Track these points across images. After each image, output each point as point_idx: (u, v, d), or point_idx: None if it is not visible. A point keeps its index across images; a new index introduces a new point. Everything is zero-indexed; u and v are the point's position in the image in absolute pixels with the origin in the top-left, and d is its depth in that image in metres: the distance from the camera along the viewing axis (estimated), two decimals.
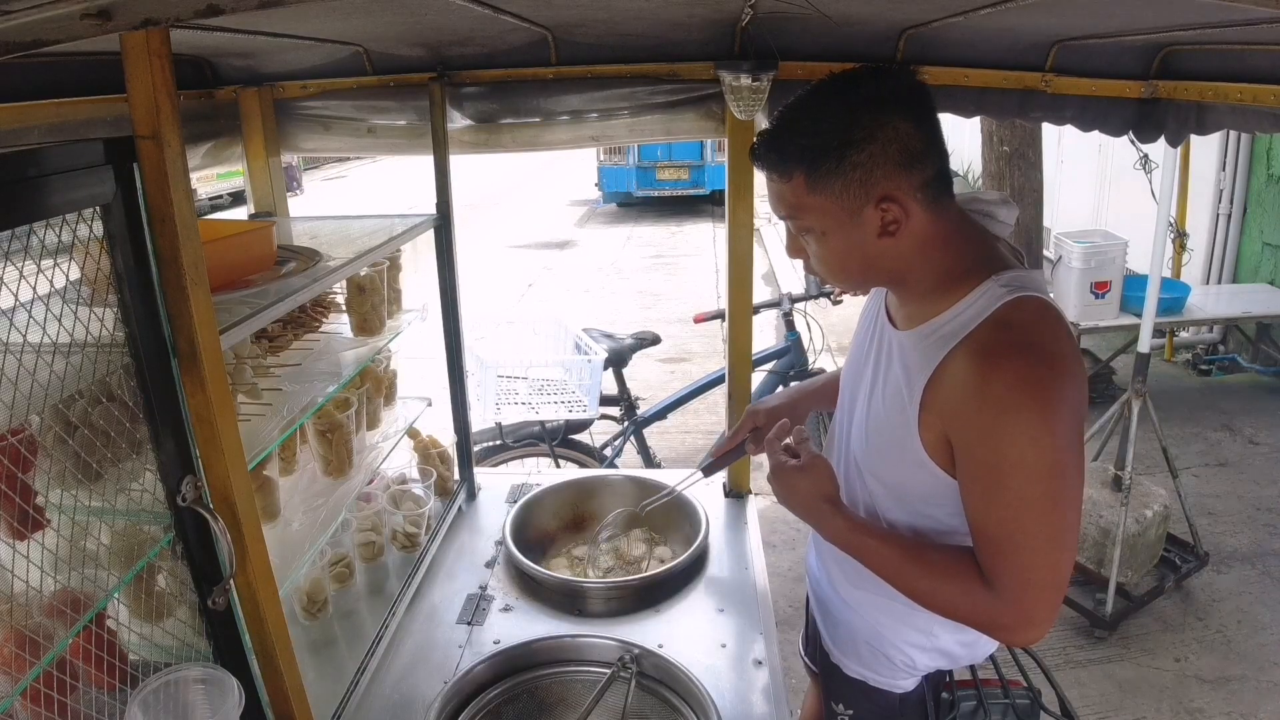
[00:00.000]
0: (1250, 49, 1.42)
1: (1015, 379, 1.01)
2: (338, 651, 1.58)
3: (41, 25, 0.64)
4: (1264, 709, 2.65)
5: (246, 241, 1.40)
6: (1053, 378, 1.01)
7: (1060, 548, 1.05)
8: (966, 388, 1.04)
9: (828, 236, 1.11)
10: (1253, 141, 5.24)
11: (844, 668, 1.40)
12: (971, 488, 1.08)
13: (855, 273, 1.16)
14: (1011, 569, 1.05)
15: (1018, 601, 1.05)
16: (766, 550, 1.97)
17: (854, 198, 1.07)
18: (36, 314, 0.87)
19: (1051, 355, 1.02)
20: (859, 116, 1.04)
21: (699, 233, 11.15)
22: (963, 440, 1.08)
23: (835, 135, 1.05)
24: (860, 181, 1.06)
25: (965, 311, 1.09)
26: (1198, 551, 3.29)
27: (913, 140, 1.05)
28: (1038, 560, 1.04)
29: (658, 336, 3.76)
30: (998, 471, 1.03)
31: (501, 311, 6.95)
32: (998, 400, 1.01)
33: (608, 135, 1.98)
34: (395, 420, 1.95)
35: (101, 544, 1.00)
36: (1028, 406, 1.00)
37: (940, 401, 1.09)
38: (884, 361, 1.22)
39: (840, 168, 1.05)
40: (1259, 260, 5.35)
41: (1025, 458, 1.01)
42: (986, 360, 1.03)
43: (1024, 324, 1.04)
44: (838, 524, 1.19)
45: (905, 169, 1.06)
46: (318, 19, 1.43)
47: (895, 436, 1.16)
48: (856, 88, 1.06)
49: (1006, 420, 1.01)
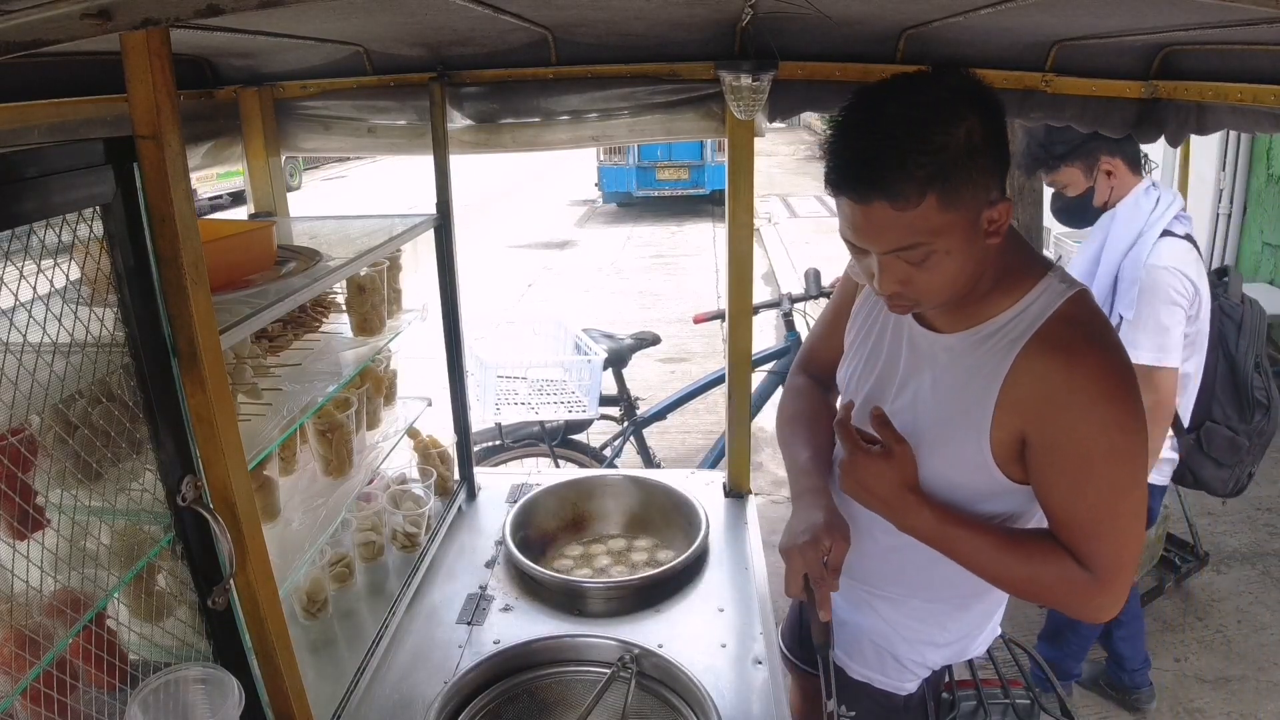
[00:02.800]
0: (1250, 49, 1.42)
1: (1098, 371, 1.06)
2: (338, 651, 1.57)
3: (41, 25, 0.64)
4: (1264, 709, 2.65)
5: (246, 241, 1.40)
6: (1124, 367, 1.08)
7: (1139, 525, 1.12)
8: (1050, 384, 1.07)
9: (952, 255, 1.03)
10: (1253, 141, 5.24)
11: (848, 669, 1.39)
12: (1058, 480, 1.11)
13: (963, 287, 1.09)
14: (1107, 550, 1.09)
15: (1113, 580, 1.10)
16: (766, 550, 1.97)
17: (979, 204, 1.02)
18: (36, 314, 0.87)
19: (1116, 345, 1.10)
20: (957, 121, 0.98)
21: (699, 233, 11.15)
22: (1047, 435, 1.09)
23: (954, 145, 0.97)
24: (984, 187, 1.01)
25: (1029, 308, 1.11)
26: (1198, 551, 3.29)
27: (991, 133, 1.02)
28: (1127, 539, 1.10)
29: (657, 337, 3.76)
30: (1089, 460, 1.07)
31: (501, 311, 6.94)
32: (1084, 392, 1.05)
33: (608, 135, 1.98)
34: (395, 420, 1.95)
35: (101, 544, 0.99)
36: (1110, 396, 1.05)
37: (1018, 401, 1.10)
38: (925, 364, 1.20)
39: (971, 177, 0.99)
40: (1259, 260, 5.35)
41: (1115, 445, 1.06)
42: (1068, 356, 1.07)
43: (1088, 319, 1.10)
44: (924, 515, 1.14)
45: (1002, 163, 1.04)
46: (318, 19, 1.43)
47: (954, 437, 1.15)
48: (930, 90, 1.00)
49: (1095, 411, 1.05)
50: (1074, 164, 2.12)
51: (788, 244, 9.56)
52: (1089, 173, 2.13)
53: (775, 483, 4.18)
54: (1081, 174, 2.14)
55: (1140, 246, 2.05)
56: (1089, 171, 2.13)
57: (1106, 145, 2.06)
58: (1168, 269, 2.01)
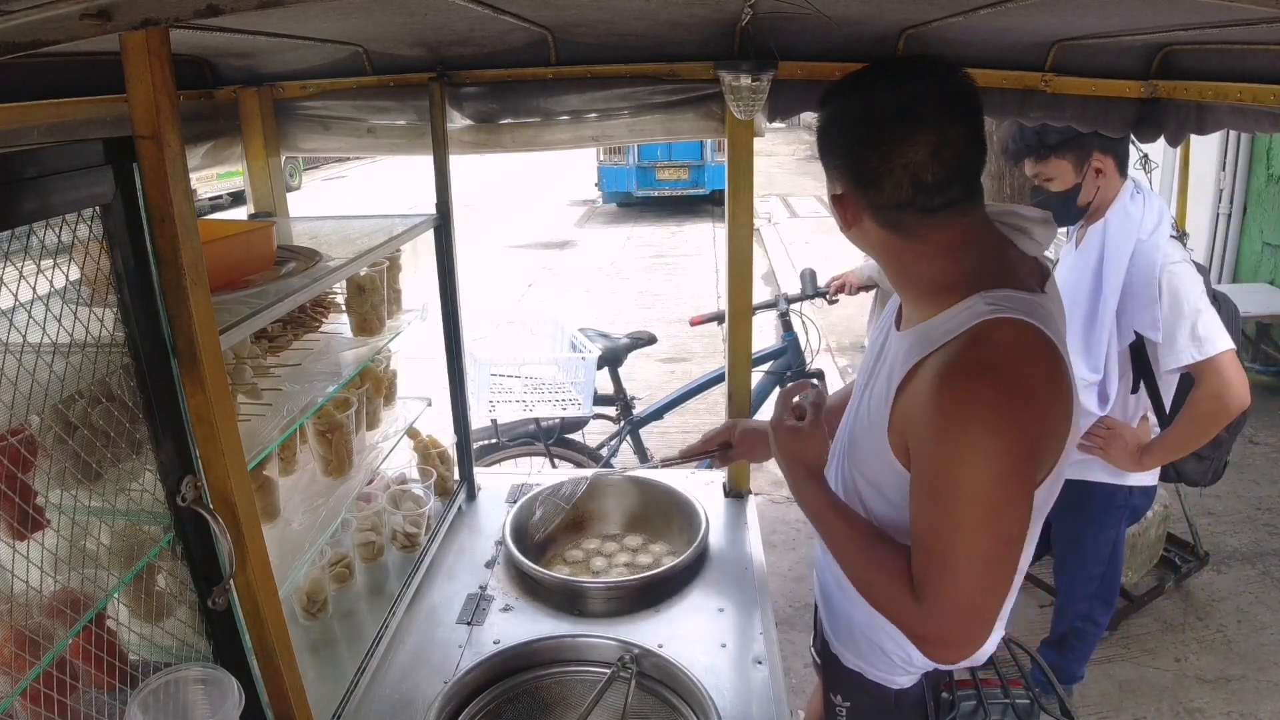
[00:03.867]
0: (1250, 49, 1.42)
1: (969, 396, 1.01)
2: (338, 651, 1.57)
3: (41, 25, 0.64)
4: (1264, 709, 2.65)
5: (246, 241, 1.40)
6: (1007, 402, 1.00)
7: (987, 575, 1.03)
8: (924, 396, 1.05)
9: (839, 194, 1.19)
10: (1253, 141, 5.24)
11: (842, 658, 1.42)
12: (916, 494, 1.09)
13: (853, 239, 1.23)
14: (937, 584, 1.04)
15: (938, 617, 1.05)
16: (766, 550, 1.97)
17: (828, 180, 1.17)
18: (36, 314, 0.86)
19: (1014, 379, 1.01)
20: (838, 124, 1.14)
21: (699, 233, 11.16)
22: (915, 447, 1.09)
23: (825, 127, 1.16)
24: (827, 171, 1.17)
25: (948, 322, 1.09)
26: (1198, 551, 3.29)
27: (868, 169, 1.09)
28: (962, 581, 1.03)
29: (653, 336, 3.77)
30: (937, 484, 1.04)
31: (501, 311, 6.95)
32: (948, 414, 1.02)
33: (608, 135, 1.98)
34: (395, 420, 1.95)
35: (101, 544, 1.00)
36: (975, 427, 1.00)
37: (904, 405, 1.11)
38: (883, 361, 1.24)
39: (821, 150, 1.17)
40: (1259, 260, 5.35)
41: (965, 477, 1.01)
42: (946, 373, 1.03)
43: (996, 344, 1.03)
44: (809, 490, 1.25)
45: (855, 186, 1.11)
46: (317, 19, 1.43)
47: (873, 434, 1.18)
48: (855, 96, 1.12)
49: (953, 435, 1.01)
50: (1065, 156, 2.07)
51: (787, 244, 9.56)
52: (1079, 168, 2.08)
53: (775, 483, 4.18)
54: (1071, 168, 2.09)
55: (1144, 259, 2.01)
56: (1079, 166, 2.08)
57: (1100, 142, 2.03)
58: (1183, 261, 2.00)
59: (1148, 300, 2.00)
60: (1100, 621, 2.42)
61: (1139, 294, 2.02)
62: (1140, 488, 2.25)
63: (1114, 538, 2.30)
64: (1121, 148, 2.08)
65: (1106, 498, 2.22)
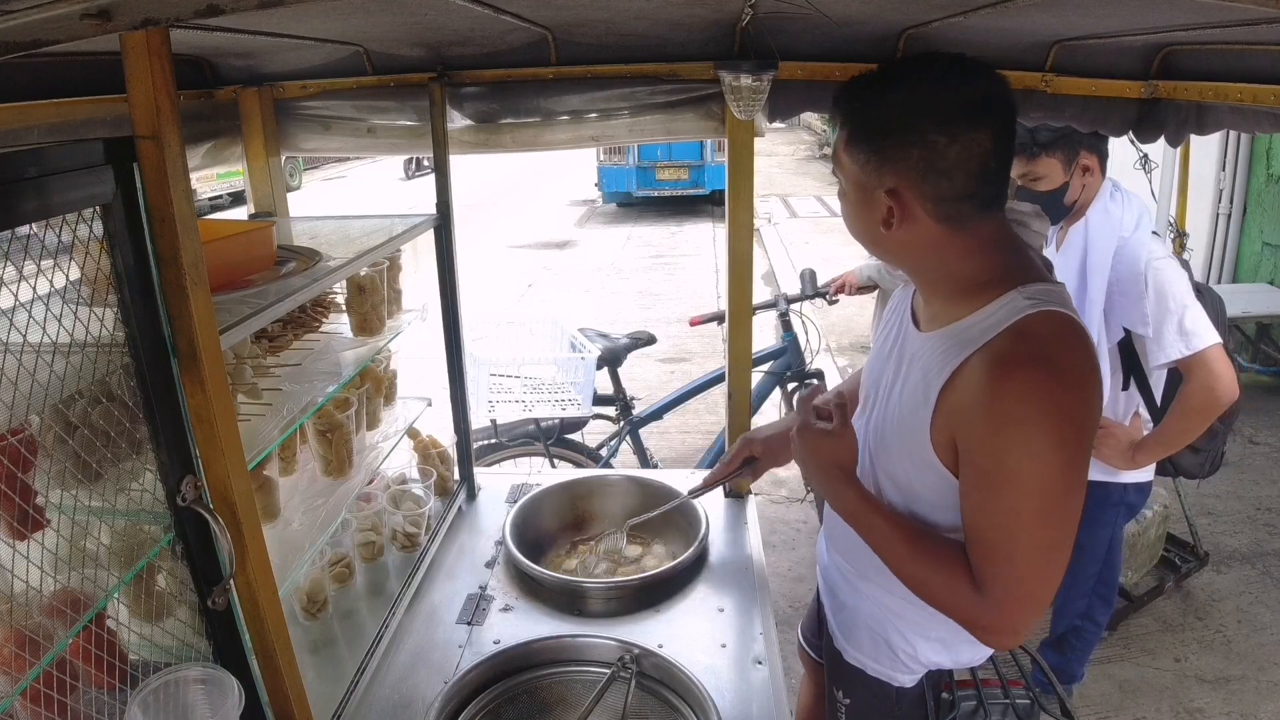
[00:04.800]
0: (1250, 49, 1.42)
1: (1024, 390, 1.02)
2: (338, 651, 1.57)
3: (41, 25, 0.64)
4: (1264, 709, 2.65)
5: (246, 241, 1.40)
6: (1062, 393, 1.02)
7: (1048, 563, 1.06)
8: (976, 394, 1.06)
9: (846, 198, 1.18)
10: (1253, 141, 5.24)
11: (845, 654, 1.42)
12: (970, 492, 1.10)
13: (864, 243, 1.22)
14: (999, 576, 1.07)
15: (1000, 607, 1.08)
16: (766, 550, 1.97)
17: (869, 175, 1.11)
18: (36, 314, 0.87)
19: (1064, 370, 1.03)
20: (910, 111, 1.07)
21: (699, 233, 11.16)
22: (967, 445, 1.09)
23: (885, 116, 1.09)
24: (876, 165, 1.10)
25: (987, 319, 1.09)
26: (1198, 551, 3.29)
27: (943, 157, 1.06)
28: (1024, 572, 1.06)
29: (653, 336, 3.76)
30: (995, 479, 1.05)
31: (501, 311, 6.95)
32: (1003, 409, 1.03)
33: (608, 135, 1.98)
34: (395, 420, 1.95)
35: (101, 544, 1.00)
36: (1032, 420, 1.01)
37: (951, 405, 1.10)
38: (905, 362, 1.23)
39: (870, 143, 1.10)
40: (1259, 260, 5.35)
41: (1023, 470, 1.02)
42: (998, 369, 1.04)
43: (1042, 337, 1.05)
44: (848, 494, 1.22)
45: (921, 177, 1.07)
46: (318, 19, 1.43)
47: (909, 436, 1.17)
48: (926, 84, 1.08)
49: (1010, 431, 1.02)
50: (1055, 154, 2.07)
51: (787, 244, 9.56)
52: (1068, 166, 2.08)
53: (775, 483, 4.18)
54: (1061, 166, 2.08)
55: (1129, 257, 2.01)
56: (1068, 165, 2.08)
57: (1087, 141, 2.04)
58: (1167, 257, 2.01)
59: (1135, 297, 2.01)
60: (1099, 620, 2.43)
61: (1126, 291, 2.03)
62: (1135, 484, 2.25)
63: (1110, 535, 2.30)
64: (1105, 146, 2.09)
65: (1101, 495, 2.22)
